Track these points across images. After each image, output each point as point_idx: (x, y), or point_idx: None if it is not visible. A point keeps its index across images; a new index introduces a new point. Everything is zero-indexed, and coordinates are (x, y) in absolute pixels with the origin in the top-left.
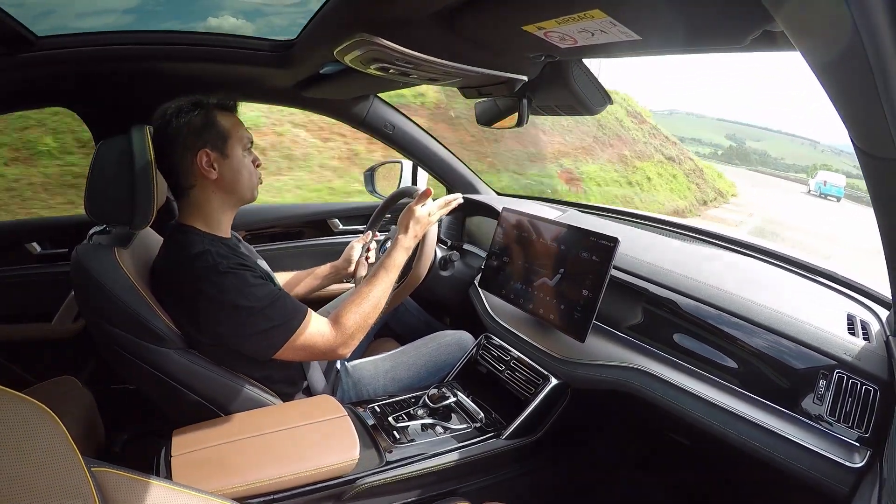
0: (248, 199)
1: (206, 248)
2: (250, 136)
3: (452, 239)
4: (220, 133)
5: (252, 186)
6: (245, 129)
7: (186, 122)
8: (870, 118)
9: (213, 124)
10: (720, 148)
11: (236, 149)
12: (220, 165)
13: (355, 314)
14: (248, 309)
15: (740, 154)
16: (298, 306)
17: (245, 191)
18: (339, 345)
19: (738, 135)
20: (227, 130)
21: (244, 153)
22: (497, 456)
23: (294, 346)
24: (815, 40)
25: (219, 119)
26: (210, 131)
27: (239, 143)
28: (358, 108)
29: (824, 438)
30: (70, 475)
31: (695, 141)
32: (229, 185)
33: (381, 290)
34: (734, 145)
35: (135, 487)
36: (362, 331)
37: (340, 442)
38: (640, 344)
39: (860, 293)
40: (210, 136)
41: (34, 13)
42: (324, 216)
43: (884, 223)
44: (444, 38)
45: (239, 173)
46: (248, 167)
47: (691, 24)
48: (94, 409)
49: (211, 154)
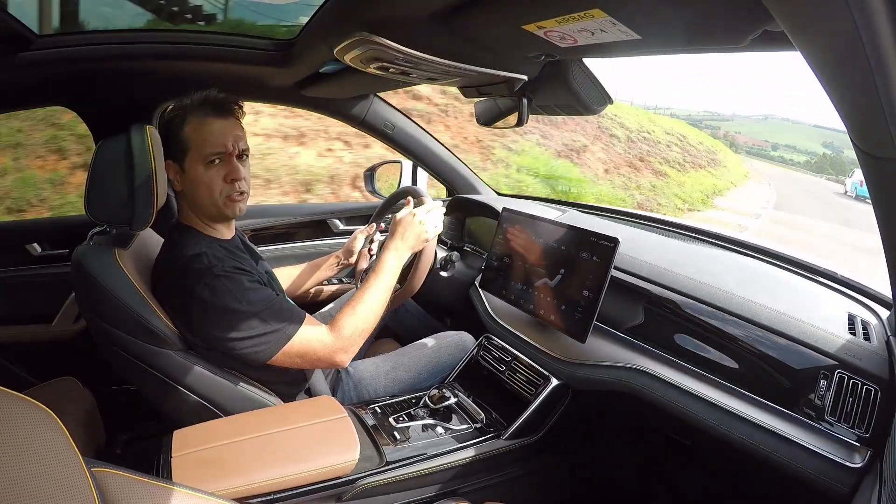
0: (217, 216)
1: (203, 250)
2: (223, 147)
3: (453, 239)
4: (179, 145)
5: (215, 203)
6: (218, 137)
7: (163, 125)
8: (870, 118)
9: (175, 133)
10: (814, 156)
11: (195, 163)
12: (181, 178)
13: (352, 319)
14: (242, 313)
15: (835, 164)
16: (295, 311)
17: (207, 207)
18: (338, 351)
19: (836, 143)
20: (188, 142)
21: (206, 167)
22: (497, 456)
23: (289, 353)
24: (815, 40)
25: (185, 128)
26: (170, 142)
27: (198, 155)
28: (358, 107)
29: (825, 438)
30: (70, 476)
31: (789, 148)
32: (190, 199)
33: (377, 295)
34: (829, 153)
35: (135, 488)
36: (361, 337)
37: (341, 442)
38: (640, 344)
39: (861, 293)
40: (170, 148)
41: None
42: (324, 216)
43: (884, 223)
44: (444, 38)
45: (196, 188)
46: (208, 183)
47: (691, 23)
48: (94, 410)
49: (173, 165)
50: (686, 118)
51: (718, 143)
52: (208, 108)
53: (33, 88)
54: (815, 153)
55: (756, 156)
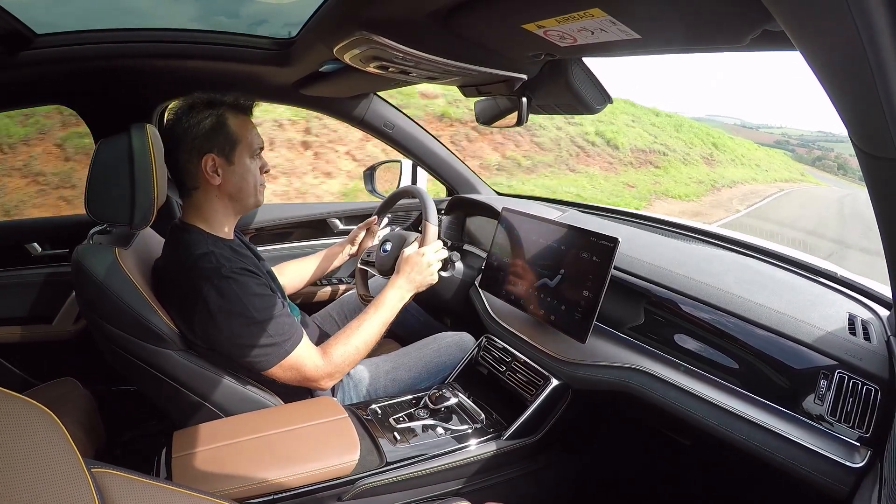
0: (251, 207)
1: (210, 250)
2: (261, 142)
3: (452, 239)
4: (229, 138)
5: (256, 193)
6: (256, 134)
7: (197, 122)
8: (870, 118)
9: (222, 128)
10: None
11: (243, 156)
12: (224, 171)
13: (344, 348)
14: (247, 318)
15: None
16: (295, 327)
17: (248, 199)
18: (324, 376)
19: None
20: (237, 136)
21: (251, 160)
22: (498, 456)
23: (283, 367)
24: (815, 40)
25: (229, 123)
26: (219, 136)
27: (247, 149)
28: (357, 106)
29: (825, 438)
30: (70, 476)
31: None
32: (232, 191)
33: (372, 329)
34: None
35: (135, 488)
36: (349, 366)
37: (341, 443)
38: (640, 345)
39: (861, 293)
40: (218, 141)
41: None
42: (324, 216)
43: (884, 223)
44: (444, 37)
45: (244, 180)
46: (254, 174)
47: (691, 23)
48: (94, 411)
49: (217, 159)
50: (798, 138)
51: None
52: (243, 108)
53: (33, 87)
54: None
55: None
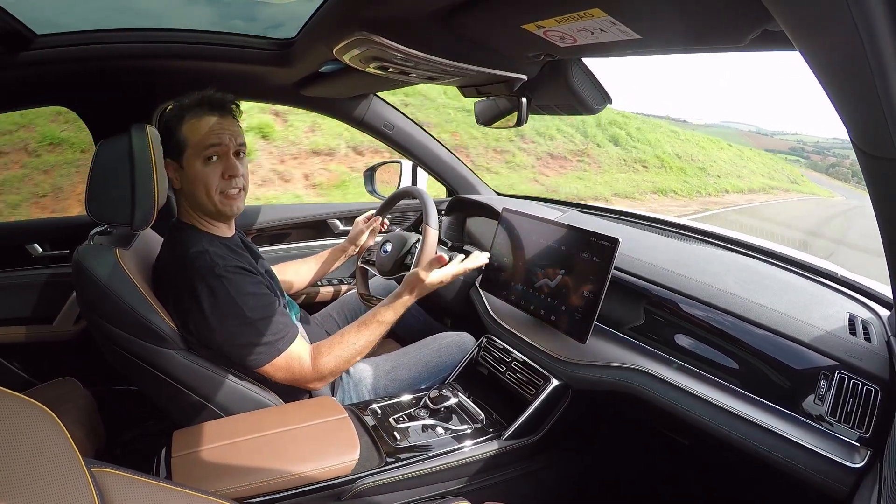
0: (215, 213)
1: (205, 248)
2: (218, 144)
3: (453, 240)
4: (177, 143)
5: (212, 200)
6: (214, 136)
7: (162, 125)
8: (870, 118)
9: (173, 132)
10: None
11: (192, 160)
12: (179, 176)
13: (335, 356)
14: (241, 317)
15: None
16: (290, 326)
17: (205, 205)
18: (315, 379)
19: None
20: (185, 140)
21: (204, 163)
22: (497, 456)
23: (276, 366)
24: (815, 40)
25: (183, 126)
26: (170, 139)
27: (195, 153)
28: (357, 107)
29: (825, 439)
30: (70, 476)
31: None
32: (188, 196)
33: (367, 339)
34: None
35: (135, 488)
36: (338, 371)
37: (341, 443)
38: (640, 345)
39: (861, 293)
40: (168, 145)
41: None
42: (324, 216)
43: (884, 223)
44: (444, 37)
45: (193, 185)
46: (204, 179)
47: (691, 23)
48: (94, 410)
49: (172, 163)
50: (813, 145)
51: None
52: (205, 107)
53: (33, 88)
54: None
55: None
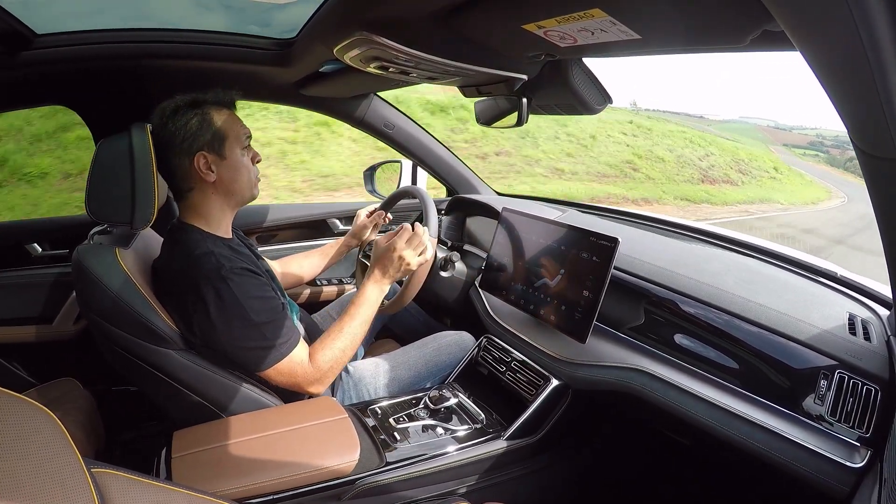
0: (249, 199)
1: (210, 250)
2: (248, 132)
3: (452, 239)
4: (217, 134)
5: (252, 185)
6: (242, 125)
7: (183, 123)
8: (870, 118)
9: (208, 125)
10: None
11: (234, 148)
12: (217, 167)
13: (330, 352)
14: (246, 320)
15: None
16: (292, 331)
17: (245, 191)
18: (314, 381)
19: None
20: (224, 130)
21: (242, 151)
22: (497, 456)
23: (278, 370)
24: (815, 40)
25: (215, 119)
26: (206, 133)
27: (237, 141)
28: (358, 107)
29: (825, 438)
30: (70, 476)
31: None
32: (228, 186)
33: (355, 328)
34: None
35: (135, 488)
36: (339, 368)
37: (341, 443)
38: (640, 345)
39: (861, 293)
40: (206, 138)
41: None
42: (324, 216)
43: (884, 223)
44: (444, 37)
45: (237, 173)
46: (247, 166)
47: (691, 23)
48: (94, 411)
49: (209, 156)
50: (833, 139)
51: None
52: (225, 103)
53: (33, 87)
54: None
55: None
